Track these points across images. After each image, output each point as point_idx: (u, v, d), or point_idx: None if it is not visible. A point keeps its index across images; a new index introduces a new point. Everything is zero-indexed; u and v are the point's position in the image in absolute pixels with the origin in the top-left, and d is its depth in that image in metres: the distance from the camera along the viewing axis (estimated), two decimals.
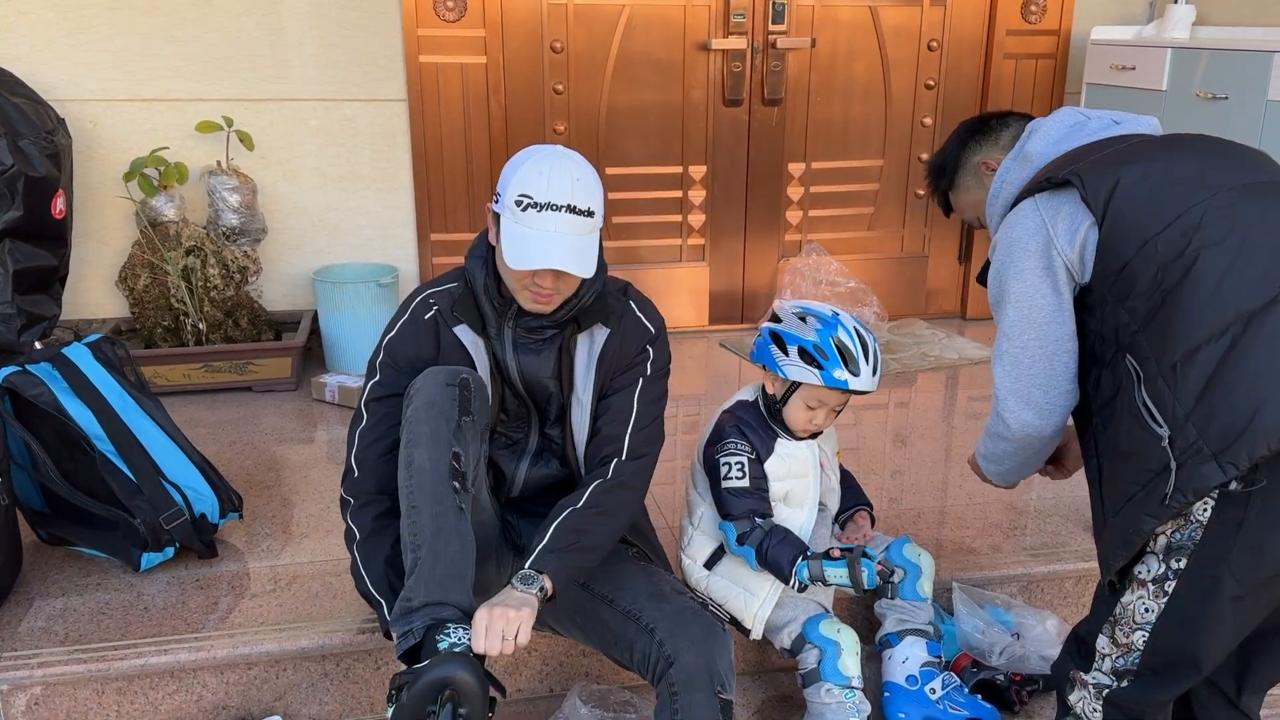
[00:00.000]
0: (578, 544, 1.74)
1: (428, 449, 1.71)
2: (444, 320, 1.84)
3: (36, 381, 2.23)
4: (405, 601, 1.65)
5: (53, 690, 1.96)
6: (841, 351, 1.94)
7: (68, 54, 3.28)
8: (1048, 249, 1.58)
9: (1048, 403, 1.65)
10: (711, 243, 4.00)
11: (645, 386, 1.88)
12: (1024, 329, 1.63)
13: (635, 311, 1.90)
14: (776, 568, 1.96)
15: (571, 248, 1.68)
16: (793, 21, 3.80)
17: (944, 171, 1.96)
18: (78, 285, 3.39)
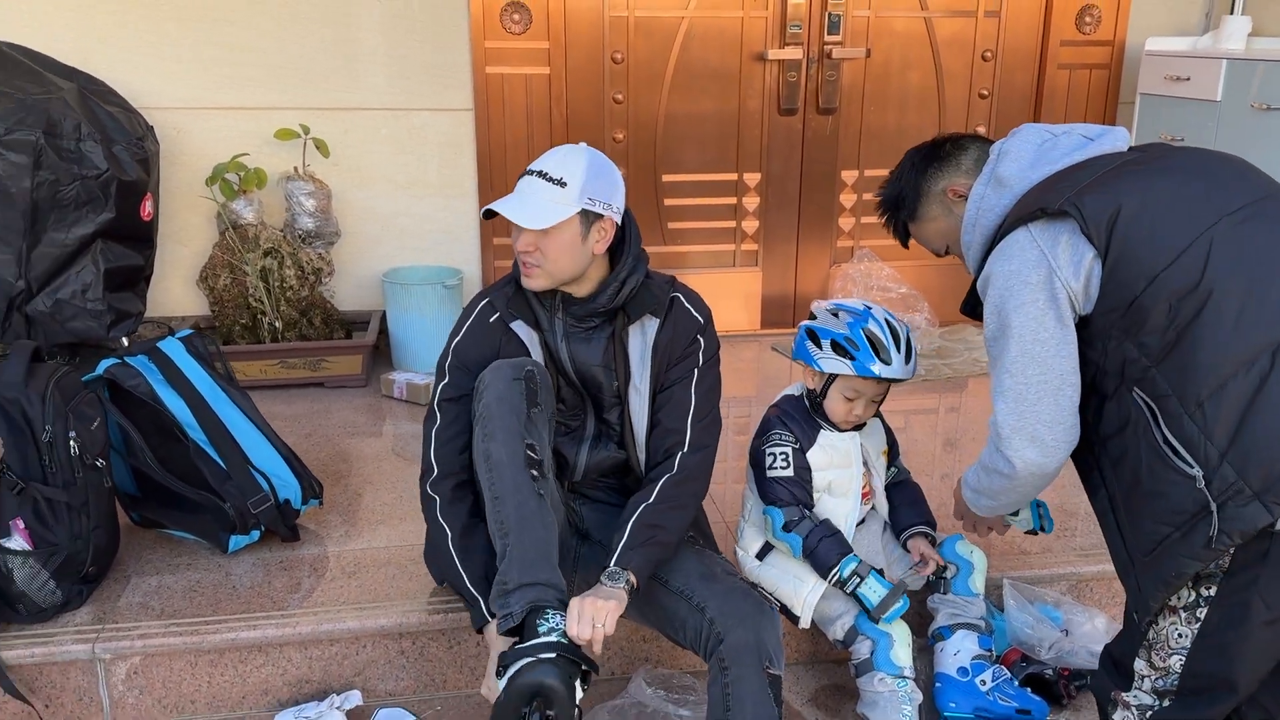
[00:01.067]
0: (654, 538, 1.86)
1: (503, 442, 1.84)
2: (503, 317, 1.97)
3: (134, 373, 2.38)
4: (501, 585, 1.79)
5: (150, 661, 2.10)
6: (872, 341, 2.03)
7: (156, 64, 3.46)
8: (1050, 280, 1.55)
9: (1053, 440, 1.61)
10: (764, 248, 4.09)
11: (700, 377, 2.00)
12: (1028, 364, 1.59)
13: (684, 302, 2.01)
14: (821, 560, 2.05)
15: (524, 203, 1.85)
16: (848, 32, 3.88)
17: (902, 202, 1.93)
18: (161, 284, 3.56)
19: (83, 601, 2.18)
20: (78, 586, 2.16)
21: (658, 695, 2.10)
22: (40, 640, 2.06)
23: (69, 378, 2.21)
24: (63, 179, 2.92)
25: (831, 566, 2.04)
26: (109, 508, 2.27)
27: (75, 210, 2.98)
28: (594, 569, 2.01)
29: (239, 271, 3.45)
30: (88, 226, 3.01)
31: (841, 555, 2.05)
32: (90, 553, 2.17)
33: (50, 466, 2.09)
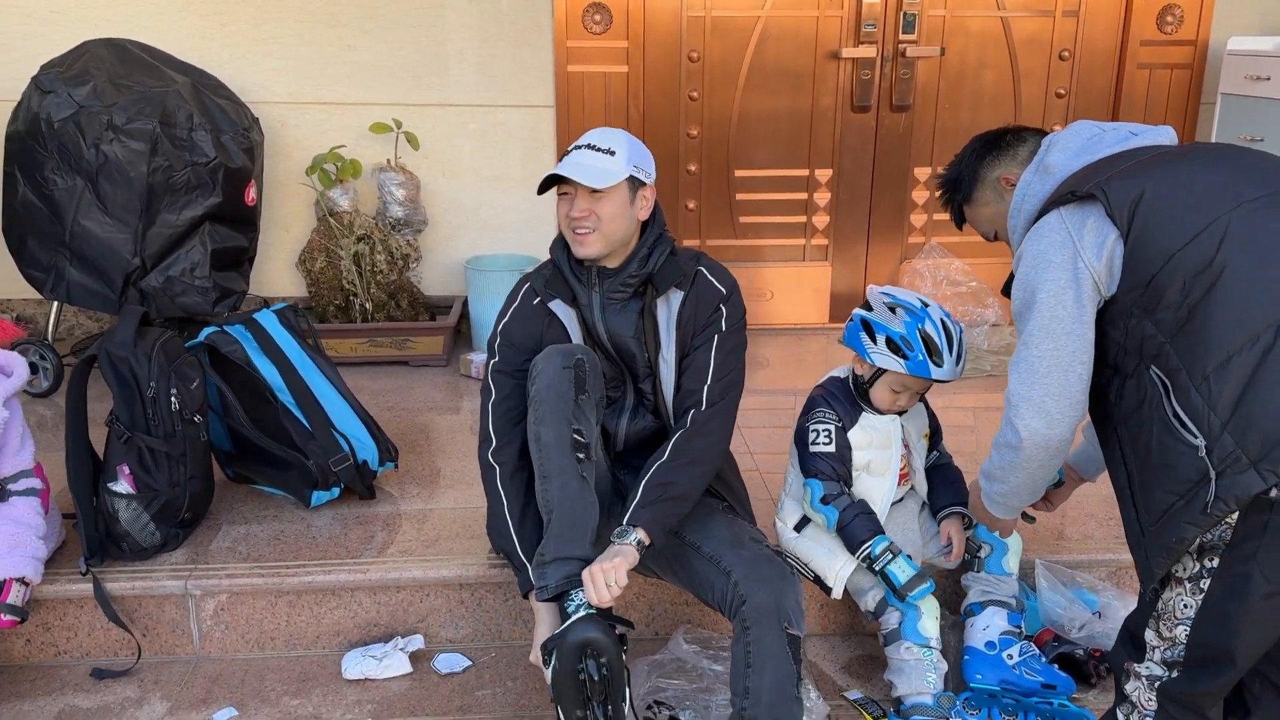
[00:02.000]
0: (665, 495, 1.97)
1: (552, 426, 1.99)
2: (543, 299, 2.12)
3: (231, 340, 2.62)
4: (540, 556, 1.98)
5: (236, 599, 2.32)
6: (927, 343, 2.11)
7: (261, 60, 3.73)
8: (1074, 261, 1.64)
9: (1059, 412, 1.68)
10: (834, 243, 4.17)
11: (721, 341, 2.10)
12: (1043, 338, 1.67)
13: (707, 275, 2.13)
14: (853, 536, 2.14)
15: (582, 165, 1.99)
16: (923, 31, 3.94)
17: (959, 185, 2.03)
18: (263, 266, 3.83)
19: (179, 544, 2.42)
20: (174, 529, 2.40)
21: (694, 651, 2.23)
22: (140, 576, 2.29)
23: (173, 341, 2.45)
24: (176, 165, 3.19)
25: (862, 543, 2.14)
26: (205, 460, 2.51)
27: (186, 194, 3.24)
28: None
29: (334, 255, 3.70)
30: (197, 209, 3.26)
31: (873, 534, 2.14)
32: (187, 499, 2.40)
33: (153, 419, 2.33)
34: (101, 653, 2.31)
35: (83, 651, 2.31)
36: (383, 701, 2.18)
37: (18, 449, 2.20)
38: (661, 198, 3.93)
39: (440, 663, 2.29)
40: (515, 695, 2.21)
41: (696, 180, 4.04)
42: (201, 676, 2.27)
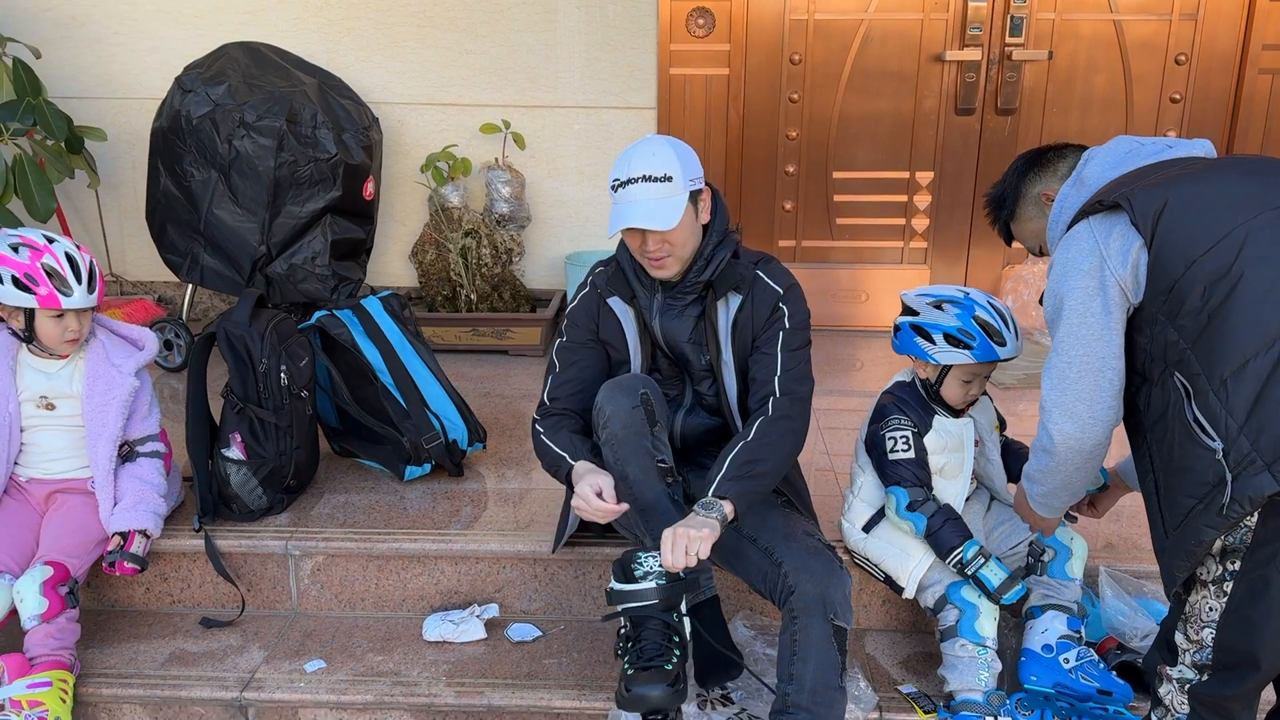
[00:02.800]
0: (751, 472, 2.03)
1: (637, 465, 2.07)
2: (602, 294, 2.22)
3: (339, 323, 2.83)
4: None
5: (331, 561, 2.51)
6: (985, 328, 2.14)
7: (384, 64, 3.97)
8: (1100, 269, 1.67)
9: (1090, 416, 1.71)
10: (934, 246, 4.16)
11: (786, 339, 2.15)
12: (1073, 344, 1.70)
13: (764, 278, 2.17)
14: (943, 541, 2.18)
15: (648, 209, 2.02)
16: (1031, 34, 3.89)
17: (1004, 203, 2.06)
18: (379, 257, 4.07)
19: (283, 508, 2.63)
20: (280, 495, 2.61)
21: (750, 636, 2.31)
22: (246, 535, 2.51)
23: (285, 323, 2.67)
24: (300, 160, 3.43)
25: (954, 548, 2.17)
26: (310, 433, 2.71)
27: (309, 188, 3.48)
28: None
29: (443, 249, 3.90)
30: (319, 202, 3.50)
31: (964, 539, 2.17)
32: (292, 468, 2.61)
33: (264, 393, 2.54)
34: (210, 604, 2.54)
35: (194, 602, 2.54)
36: (457, 663, 2.34)
37: (145, 415, 2.43)
38: (758, 199, 4.06)
39: (513, 631, 2.44)
40: (580, 666, 2.33)
41: (794, 181, 4.09)
42: (296, 630, 2.47)
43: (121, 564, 2.30)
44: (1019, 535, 2.32)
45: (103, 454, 2.34)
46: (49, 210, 3.22)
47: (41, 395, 2.32)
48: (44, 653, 2.17)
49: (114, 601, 2.55)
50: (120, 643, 2.41)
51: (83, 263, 2.25)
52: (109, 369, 2.34)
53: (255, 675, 2.30)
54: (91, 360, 2.34)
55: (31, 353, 2.32)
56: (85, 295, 2.24)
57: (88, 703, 2.26)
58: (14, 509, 2.35)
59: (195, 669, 2.32)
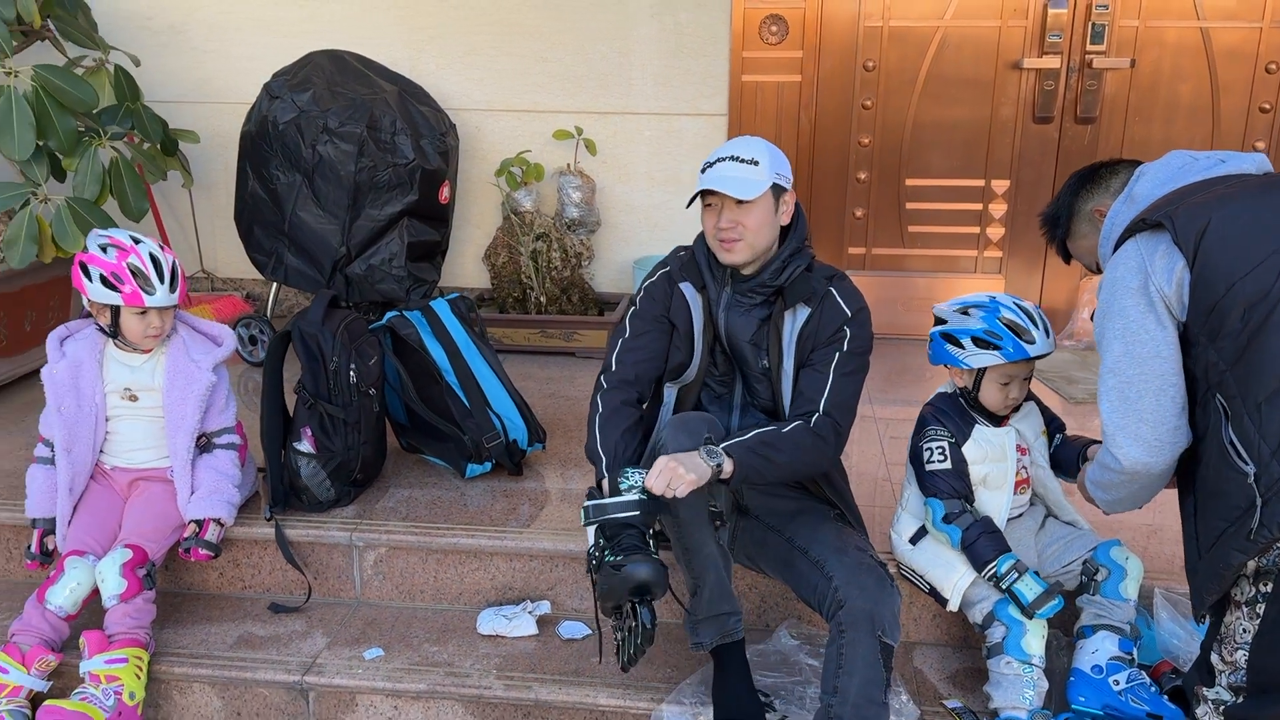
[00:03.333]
0: (765, 454, 2.06)
1: (690, 506, 2.09)
2: (674, 278, 2.26)
3: (408, 324, 2.92)
4: (693, 616, 2.19)
5: (392, 553, 2.60)
6: (1011, 327, 2.13)
7: (463, 72, 4.08)
8: (1146, 286, 1.64)
9: (1156, 439, 1.66)
10: (1009, 255, 4.10)
11: (841, 361, 2.15)
12: (1129, 364, 1.66)
13: (835, 296, 2.17)
14: (978, 555, 2.18)
15: (729, 179, 2.08)
16: (1113, 41, 3.81)
17: (1058, 221, 2.04)
18: (454, 259, 4.18)
19: (350, 501, 2.74)
20: (347, 488, 2.72)
21: (795, 645, 2.33)
22: (314, 525, 2.62)
23: (356, 322, 2.78)
24: (379, 165, 3.55)
25: (988, 562, 2.17)
26: (378, 429, 2.82)
27: (387, 192, 3.60)
28: (750, 543, 2.30)
29: (515, 252, 3.99)
30: (396, 206, 3.62)
31: (999, 552, 2.17)
32: (359, 462, 2.72)
33: (334, 389, 2.65)
34: (279, 590, 2.66)
35: (263, 587, 2.67)
36: (508, 657, 2.40)
37: (222, 409, 2.56)
38: (829, 205, 4.06)
39: (564, 629, 2.50)
40: None
41: (866, 188, 4.08)
42: (358, 619, 2.57)
43: (196, 550, 2.43)
44: (1073, 553, 2.30)
45: (181, 445, 2.47)
46: (141, 211, 3.40)
47: (125, 388, 2.47)
48: (122, 631, 2.30)
49: (189, 585, 2.68)
50: (193, 624, 2.55)
51: (166, 263, 2.38)
52: (189, 364, 2.47)
53: (317, 660, 2.40)
54: (172, 355, 2.48)
55: (117, 347, 2.46)
56: (167, 294, 2.37)
57: (161, 680, 2.39)
58: (99, 494, 2.50)
59: (261, 652, 2.44)
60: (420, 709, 2.34)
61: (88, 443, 2.47)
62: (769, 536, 2.26)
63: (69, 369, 2.44)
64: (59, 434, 2.44)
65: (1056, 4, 3.79)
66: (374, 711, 2.36)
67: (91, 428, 2.46)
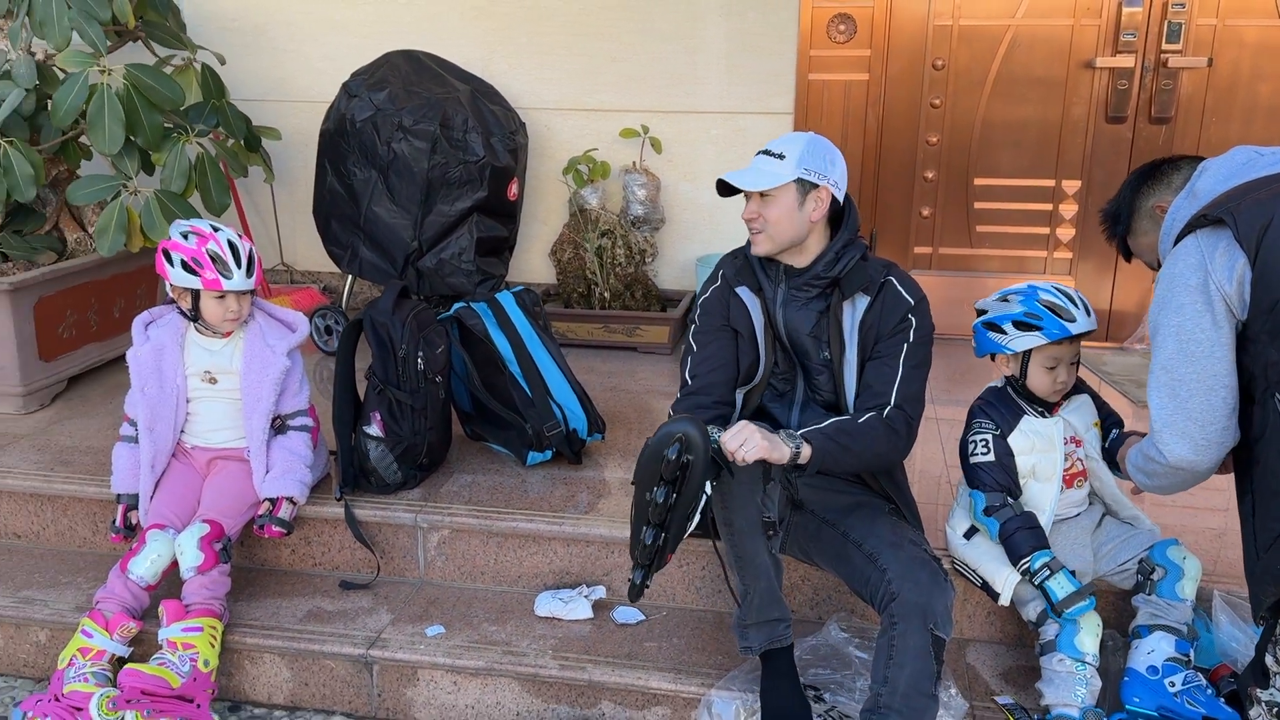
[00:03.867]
0: (842, 442, 2.09)
1: (742, 515, 2.14)
2: (731, 284, 2.29)
3: (475, 315, 3.01)
4: (742, 622, 2.21)
5: (456, 535, 2.69)
6: (1051, 308, 2.15)
7: (535, 72, 4.16)
8: (1205, 284, 1.62)
9: (1204, 438, 1.65)
10: (1080, 257, 4.05)
11: (909, 352, 2.17)
12: (1182, 362, 1.65)
13: (895, 285, 2.19)
14: (1014, 548, 2.19)
15: (745, 171, 2.15)
16: (1190, 41, 3.74)
17: (1119, 218, 2.02)
18: (521, 254, 4.27)
19: (417, 484, 2.83)
20: (414, 471, 2.81)
21: (845, 639, 2.35)
22: (381, 506, 2.72)
23: (425, 312, 2.87)
24: (451, 163, 3.65)
25: (1023, 556, 2.18)
26: (444, 415, 2.91)
27: (458, 188, 3.69)
28: (804, 537, 2.32)
29: (580, 248, 4.07)
30: (466, 202, 3.71)
31: (1034, 548, 2.17)
32: (425, 448, 2.81)
33: (402, 376, 2.74)
34: (347, 568, 2.76)
35: (332, 565, 2.77)
36: (564, 639, 2.47)
37: (296, 392, 2.67)
38: (895, 204, 4.06)
39: (618, 614, 2.55)
40: (678, 651, 2.42)
41: (933, 188, 4.06)
42: (422, 597, 2.66)
43: (269, 527, 2.54)
44: (1129, 552, 2.28)
45: (257, 426, 2.59)
46: (224, 205, 3.55)
47: (205, 370, 2.59)
48: (198, 601, 2.42)
49: (262, 561, 2.80)
50: (265, 598, 2.66)
51: (243, 250, 2.50)
52: (264, 349, 2.58)
53: (381, 635, 2.49)
54: (250, 340, 2.59)
55: (198, 331, 2.59)
56: (244, 279, 2.48)
57: (233, 649, 2.50)
58: (180, 472, 2.63)
59: (329, 626, 2.54)
60: (478, 685, 2.42)
61: (169, 422, 2.59)
62: (824, 530, 2.28)
63: (153, 352, 2.57)
64: (142, 414, 2.57)
65: (1131, 3, 3.74)
66: (434, 686, 2.44)
67: (173, 408, 2.59)
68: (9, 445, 3.14)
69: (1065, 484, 2.29)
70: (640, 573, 2.04)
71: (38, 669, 2.64)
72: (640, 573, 2.04)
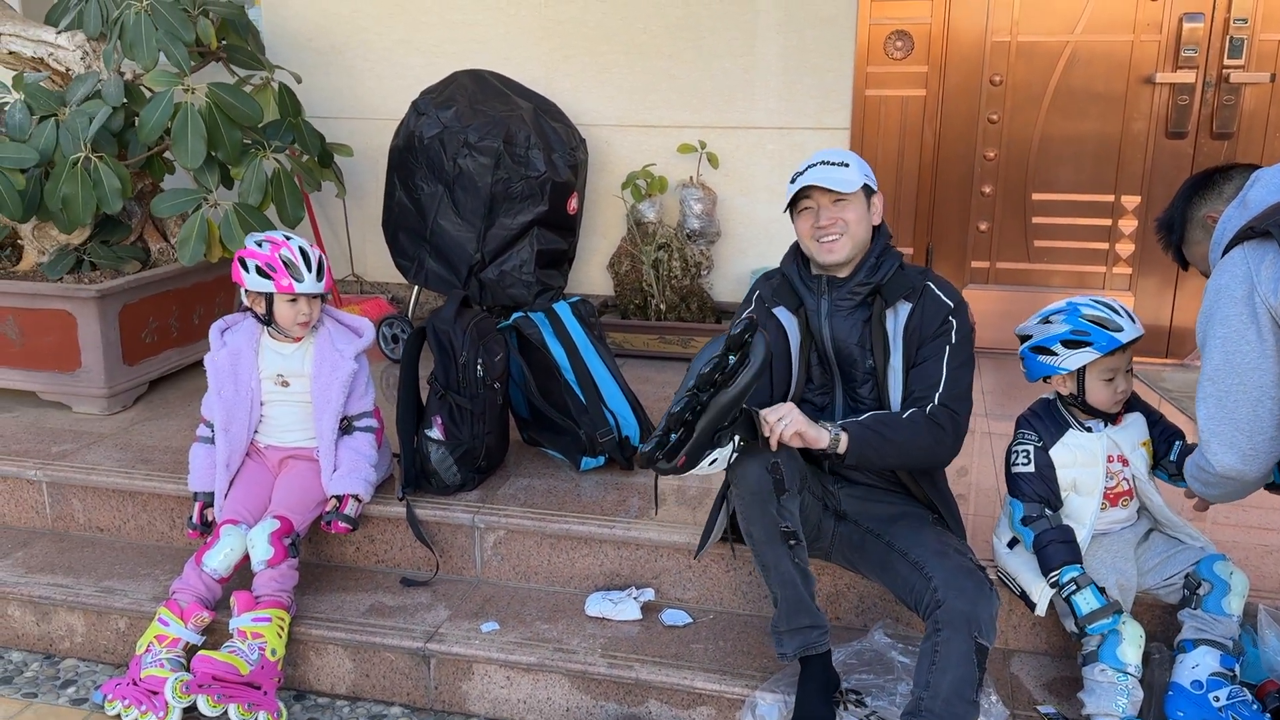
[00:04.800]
0: (880, 432, 2.14)
1: (760, 525, 2.18)
2: (768, 304, 2.36)
3: (532, 324, 3.11)
4: (776, 630, 2.25)
5: (511, 536, 2.78)
6: (1096, 321, 2.16)
7: (596, 89, 4.27)
8: (1251, 296, 1.65)
9: (1252, 448, 1.68)
10: (1139, 273, 4.02)
11: (952, 353, 2.22)
12: (1228, 373, 1.69)
13: (934, 290, 2.25)
14: (1046, 560, 2.22)
15: (825, 177, 2.19)
16: (1252, 56, 3.71)
17: (1173, 227, 2.05)
18: (580, 267, 4.37)
19: (475, 486, 2.93)
20: (472, 474, 2.91)
21: (888, 644, 2.39)
22: (440, 507, 2.82)
23: (486, 321, 2.98)
24: (513, 178, 3.77)
25: (1053, 569, 2.21)
26: (501, 420, 3.01)
27: (520, 202, 3.81)
28: (848, 548, 2.37)
29: (638, 260, 4.16)
30: (527, 215, 3.82)
31: (1065, 562, 2.20)
32: (483, 451, 2.91)
33: (463, 382, 2.85)
34: (408, 565, 2.87)
35: (394, 562, 2.88)
36: (613, 639, 2.54)
37: (362, 394, 2.79)
38: (952, 219, 4.09)
39: (666, 616, 2.62)
40: (724, 654, 2.48)
41: (990, 202, 4.07)
42: (478, 595, 2.75)
43: (336, 523, 2.66)
44: (1174, 567, 2.29)
45: (326, 426, 2.71)
46: (297, 218, 3.71)
47: (278, 374, 2.73)
48: (268, 593, 2.54)
49: (329, 557, 2.93)
50: (330, 592, 2.78)
51: (313, 256, 2.64)
52: (333, 353, 2.71)
53: (439, 630, 2.59)
54: (319, 345, 2.72)
55: (271, 336, 2.73)
56: (314, 282, 2.62)
57: (299, 641, 2.63)
58: (253, 470, 2.76)
59: (390, 620, 2.65)
60: (530, 680, 2.51)
61: (244, 423, 2.73)
62: (868, 540, 2.32)
63: (229, 356, 2.71)
64: (218, 415, 2.72)
65: (1192, 19, 3.73)
66: (488, 680, 2.53)
67: (247, 410, 2.73)
68: (94, 444, 3.32)
69: (1110, 502, 2.31)
70: (654, 443, 2.03)
71: (117, 655, 2.80)
72: (654, 443, 2.03)
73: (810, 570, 2.24)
